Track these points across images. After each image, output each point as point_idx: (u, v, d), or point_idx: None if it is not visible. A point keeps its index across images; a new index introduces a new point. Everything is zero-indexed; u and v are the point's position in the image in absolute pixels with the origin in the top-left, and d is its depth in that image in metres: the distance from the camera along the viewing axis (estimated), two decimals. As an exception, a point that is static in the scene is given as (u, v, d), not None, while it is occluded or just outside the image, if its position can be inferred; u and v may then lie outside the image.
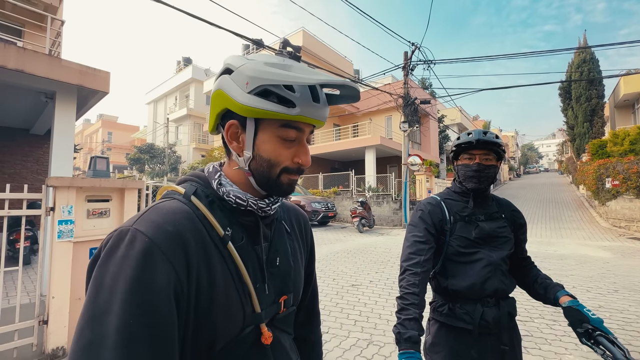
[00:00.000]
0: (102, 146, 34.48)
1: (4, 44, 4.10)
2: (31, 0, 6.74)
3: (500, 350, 1.13)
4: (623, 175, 9.91)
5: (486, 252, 1.17)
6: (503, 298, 1.17)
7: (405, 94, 11.28)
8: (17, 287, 2.47)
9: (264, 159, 0.54)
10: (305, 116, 0.51)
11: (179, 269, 0.46)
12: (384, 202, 12.37)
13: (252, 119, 0.53)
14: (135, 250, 0.44)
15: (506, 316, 1.15)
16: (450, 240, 1.19)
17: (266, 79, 0.50)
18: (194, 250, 0.49)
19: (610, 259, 6.24)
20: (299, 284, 0.67)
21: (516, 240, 1.28)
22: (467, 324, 1.12)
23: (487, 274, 1.14)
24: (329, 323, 3.30)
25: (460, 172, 1.24)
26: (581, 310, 0.99)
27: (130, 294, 0.42)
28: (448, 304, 1.17)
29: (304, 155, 0.56)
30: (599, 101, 18.03)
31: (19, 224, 5.03)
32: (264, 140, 0.54)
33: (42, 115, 6.25)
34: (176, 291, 0.45)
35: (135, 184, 3.03)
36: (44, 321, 2.49)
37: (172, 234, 0.47)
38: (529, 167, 51.52)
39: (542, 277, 1.24)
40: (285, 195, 0.60)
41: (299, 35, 17.87)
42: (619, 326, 3.20)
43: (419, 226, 1.21)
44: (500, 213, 1.26)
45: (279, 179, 0.56)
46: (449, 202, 1.25)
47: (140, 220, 0.48)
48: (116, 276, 0.43)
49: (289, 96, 0.50)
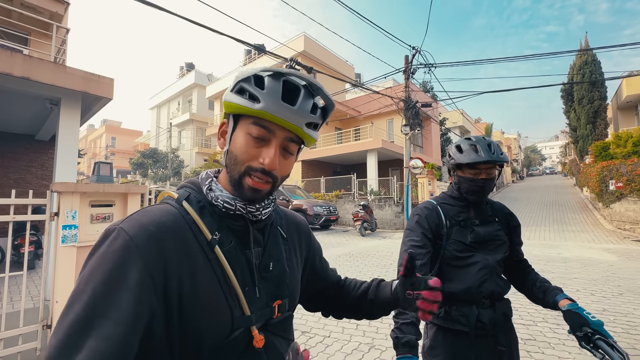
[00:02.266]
0: (106, 151, 34.74)
1: (10, 52, 4.18)
2: (37, 9, 6.86)
3: (497, 352, 1.13)
4: (627, 177, 9.84)
5: (482, 256, 1.18)
6: (498, 300, 1.19)
7: (406, 97, 11.31)
8: (21, 292, 2.49)
9: (233, 154, 0.57)
10: (269, 113, 0.52)
11: (154, 269, 0.48)
12: (386, 206, 12.35)
13: (231, 115, 0.58)
14: (115, 247, 0.48)
15: (502, 317, 1.17)
16: (447, 244, 1.19)
17: (241, 75, 0.55)
18: (175, 251, 0.51)
19: (615, 262, 6.18)
20: (294, 289, 0.68)
21: (511, 242, 1.29)
22: (464, 326, 1.13)
23: (483, 277, 1.15)
24: (331, 327, 3.30)
25: (464, 185, 1.21)
26: (581, 313, 0.99)
27: (101, 285, 0.45)
28: (444, 306, 1.18)
29: (268, 157, 0.54)
30: (602, 103, 17.95)
31: (23, 229, 5.08)
32: (237, 135, 0.57)
33: (47, 122, 6.33)
34: (148, 290, 0.47)
35: (138, 188, 3.06)
36: (47, 326, 2.51)
37: (153, 234, 0.50)
38: (532, 169, 51.24)
39: (541, 280, 1.24)
40: (251, 202, 0.58)
41: (300, 40, 18.01)
42: (623, 330, 3.17)
43: (416, 230, 1.21)
44: (494, 217, 1.27)
45: (243, 180, 0.56)
46: (445, 207, 1.26)
47: (128, 220, 0.51)
48: (94, 270, 0.46)
49: (256, 92, 0.53)
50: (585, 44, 18.66)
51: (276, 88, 0.53)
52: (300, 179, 16.57)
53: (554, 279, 5.01)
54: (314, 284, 0.80)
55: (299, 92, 0.55)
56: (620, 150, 12.16)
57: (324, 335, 3.15)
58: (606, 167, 10.76)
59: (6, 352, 2.33)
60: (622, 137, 12.59)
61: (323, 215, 11.15)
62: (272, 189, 0.59)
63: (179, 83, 26.76)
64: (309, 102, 0.56)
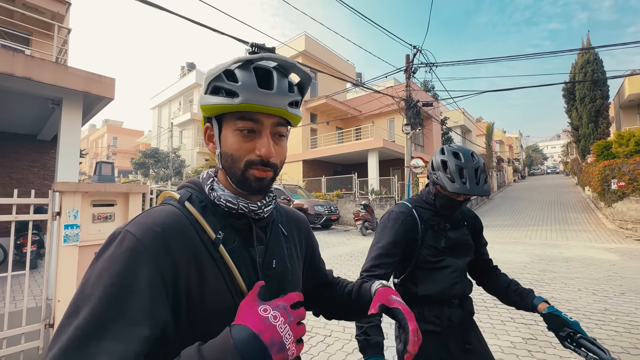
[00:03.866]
0: (108, 151, 34.85)
1: (12, 52, 4.19)
2: (39, 10, 6.88)
3: (465, 350, 1.17)
4: (629, 176, 9.79)
5: (452, 259, 1.21)
6: (464, 298, 1.24)
7: (407, 96, 11.29)
8: (23, 291, 2.51)
9: (228, 154, 0.57)
10: (251, 104, 0.52)
11: (163, 268, 0.48)
12: (387, 205, 12.33)
13: (214, 118, 0.58)
14: (123, 249, 0.47)
15: (468, 315, 1.23)
16: (421, 248, 1.19)
17: (210, 75, 0.55)
18: (181, 252, 0.51)
19: (617, 262, 6.16)
20: (296, 286, 0.69)
21: (476, 244, 1.32)
22: (436, 326, 1.16)
23: (455, 279, 1.19)
24: (332, 326, 3.30)
25: (441, 200, 1.19)
26: (560, 315, 1.05)
27: (111, 290, 0.44)
28: (416, 309, 1.19)
29: (263, 147, 0.55)
30: (604, 102, 17.88)
31: (25, 228, 5.10)
32: (225, 135, 0.57)
33: (49, 122, 6.35)
34: (159, 290, 0.47)
35: (140, 188, 3.07)
36: (50, 325, 2.52)
37: (159, 235, 0.50)
38: (534, 169, 51.07)
39: (514, 282, 1.27)
40: (259, 193, 0.59)
41: (301, 39, 18.00)
42: (625, 329, 3.16)
43: (387, 238, 1.18)
44: (463, 221, 1.29)
45: (245, 174, 0.56)
46: (419, 210, 1.24)
47: (133, 223, 0.51)
48: (102, 273, 0.46)
49: (232, 87, 0.52)
50: (587, 42, 18.58)
51: (249, 77, 0.52)
52: (302, 178, 16.57)
53: (556, 279, 5.00)
54: (310, 280, 0.81)
55: (272, 75, 0.54)
56: (623, 149, 12.12)
57: (325, 334, 3.16)
58: (608, 166, 10.71)
59: (9, 351, 2.34)
60: (625, 136, 12.55)
61: (324, 214, 11.15)
62: (275, 176, 0.59)
63: (180, 83, 26.80)
64: (284, 81, 0.56)
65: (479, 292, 3.83)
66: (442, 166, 1.15)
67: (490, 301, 3.95)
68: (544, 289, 4.52)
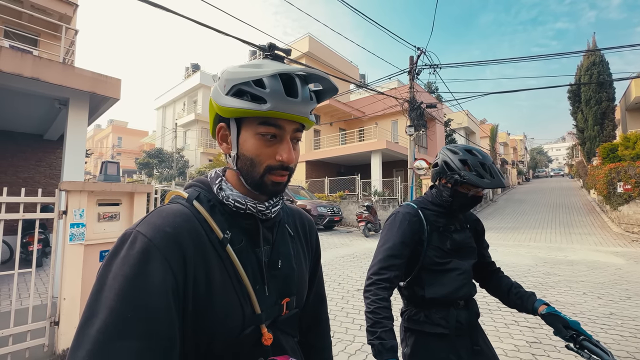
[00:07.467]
0: (113, 151, 35.10)
1: (20, 53, 4.25)
2: (47, 11, 6.97)
3: (474, 351, 1.17)
4: (635, 179, 9.69)
5: (458, 262, 1.21)
6: (469, 300, 1.24)
7: (411, 98, 11.27)
8: (29, 289, 2.53)
9: (247, 157, 0.56)
10: (279, 111, 0.52)
11: (175, 268, 0.49)
12: (390, 207, 12.30)
13: (233, 119, 0.57)
14: (135, 250, 0.48)
15: (475, 316, 1.23)
16: (427, 250, 1.19)
17: (236, 78, 0.53)
18: (191, 251, 0.52)
19: (623, 265, 6.09)
20: (302, 286, 0.69)
21: (479, 247, 1.32)
22: (444, 328, 1.15)
23: (462, 281, 1.19)
24: (335, 327, 3.30)
25: (458, 199, 1.18)
26: (559, 314, 1.06)
27: (127, 291, 0.45)
28: (423, 311, 1.19)
29: (285, 153, 0.55)
30: (610, 104, 17.69)
31: (32, 227, 5.15)
32: (245, 138, 0.56)
33: (56, 121, 6.42)
34: (173, 288, 0.48)
35: (144, 188, 3.10)
36: (55, 322, 2.55)
37: (171, 235, 0.50)
38: (539, 171, 50.65)
39: (515, 285, 1.27)
40: (274, 196, 0.60)
41: (305, 41, 18.05)
42: (631, 334, 3.13)
43: (395, 238, 1.18)
44: (466, 223, 1.29)
45: (264, 178, 0.56)
46: (425, 212, 1.24)
47: (143, 223, 0.52)
48: (116, 275, 0.46)
49: (260, 92, 0.52)
50: (593, 44, 18.42)
51: (277, 84, 0.52)
52: (304, 179, 16.58)
53: (560, 282, 4.96)
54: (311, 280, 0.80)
55: (295, 82, 0.55)
56: (629, 152, 11.99)
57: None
58: (614, 169, 10.61)
59: (15, 348, 2.37)
60: (631, 138, 12.42)
61: (327, 215, 11.14)
62: (289, 179, 0.60)
63: (184, 84, 26.95)
64: (306, 89, 0.56)
65: (482, 296, 3.81)
66: (463, 165, 1.15)
67: (494, 304, 3.93)
68: (548, 292, 4.49)
